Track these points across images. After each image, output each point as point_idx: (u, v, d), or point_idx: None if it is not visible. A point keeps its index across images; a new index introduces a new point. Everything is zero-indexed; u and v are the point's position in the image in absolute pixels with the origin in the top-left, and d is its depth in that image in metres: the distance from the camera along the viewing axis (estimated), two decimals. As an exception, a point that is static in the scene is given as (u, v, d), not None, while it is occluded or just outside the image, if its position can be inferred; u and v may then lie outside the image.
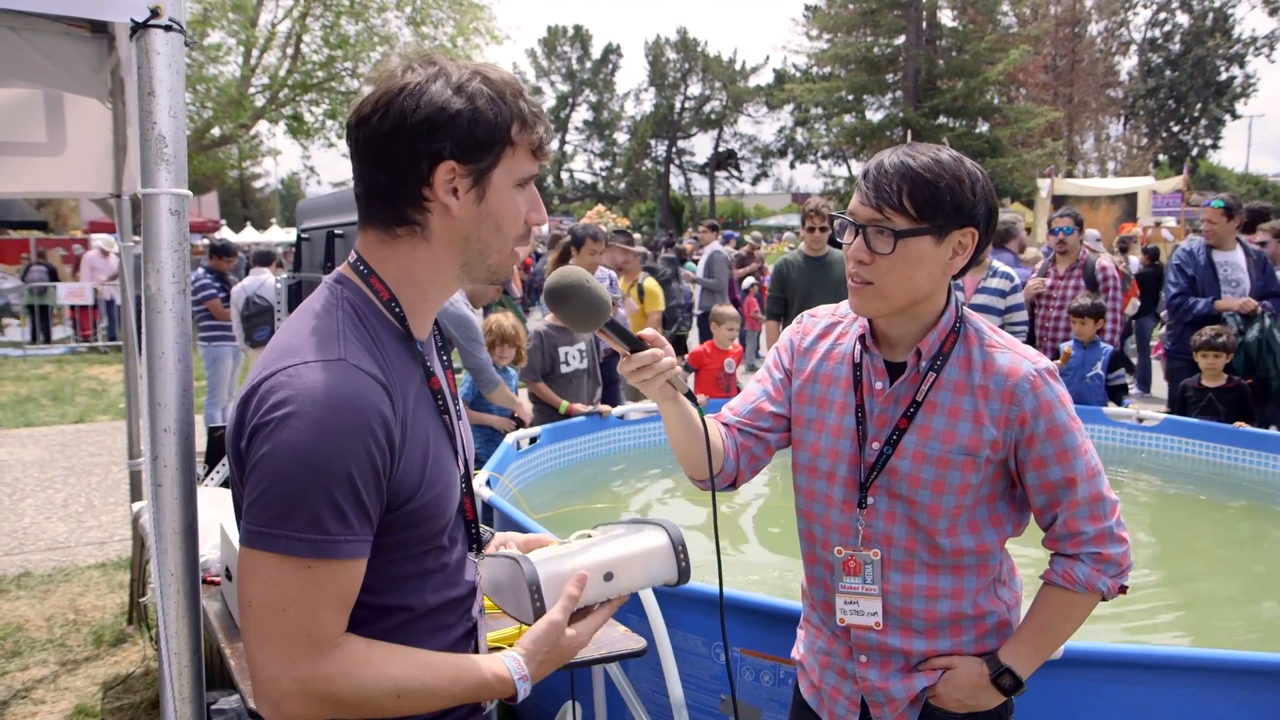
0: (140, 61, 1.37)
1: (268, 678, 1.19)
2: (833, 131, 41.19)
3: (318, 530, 1.15)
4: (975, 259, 1.74)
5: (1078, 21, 44.74)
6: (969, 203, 1.67)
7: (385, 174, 1.27)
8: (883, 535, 1.79)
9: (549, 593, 1.36)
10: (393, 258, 1.32)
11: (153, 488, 1.42)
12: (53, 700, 4.08)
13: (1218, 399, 5.89)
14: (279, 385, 1.18)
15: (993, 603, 1.81)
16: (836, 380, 1.87)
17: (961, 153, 1.75)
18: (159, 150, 1.39)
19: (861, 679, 1.85)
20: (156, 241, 1.40)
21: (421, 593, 1.32)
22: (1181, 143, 49.67)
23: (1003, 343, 1.77)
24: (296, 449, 1.14)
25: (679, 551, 1.44)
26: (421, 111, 1.23)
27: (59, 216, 29.40)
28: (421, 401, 1.30)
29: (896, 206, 1.65)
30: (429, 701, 1.27)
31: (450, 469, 1.34)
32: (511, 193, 1.32)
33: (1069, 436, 1.71)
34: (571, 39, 62.93)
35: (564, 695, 2.86)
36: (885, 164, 1.68)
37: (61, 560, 5.85)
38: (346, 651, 1.22)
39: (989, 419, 1.71)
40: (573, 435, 5.61)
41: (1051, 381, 1.72)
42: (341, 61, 21.40)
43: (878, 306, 1.74)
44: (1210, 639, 3.76)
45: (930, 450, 1.74)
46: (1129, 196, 20.39)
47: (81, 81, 3.79)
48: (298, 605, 1.17)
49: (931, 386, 1.75)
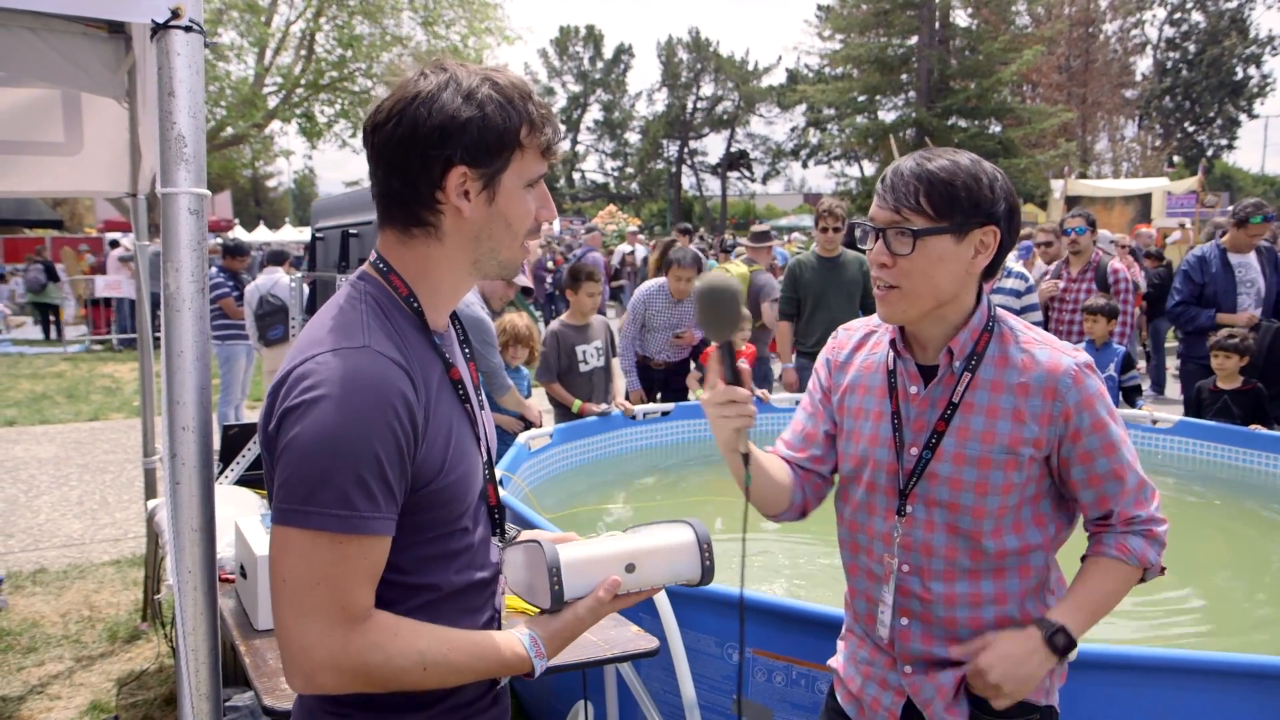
0: (160, 62, 1.38)
1: (300, 650, 1.23)
2: (845, 132, 41.04)
3: (346, 507, 1.20)
4: (999, 258, 1.73)
5: (1092, 22, 44.50)
6: (987, 200, 1.67)
7: (400, 179, 1.32)
8: (922, 544, 1.78)
9: (568, 577, 1.37)
10: (409, 256, 1.38)
11: (171, 485, 1.43)
12: (68, 696, 4.11)
13: (1233, 401, 5.84)
14: (307, 372, 1.24)
15: (1041, 610, 1.79)
16: (872, 389, 1.87)
17: (974, 153, 1.75)
18: (178, 150, 1.40)
19: (910, 685, 1.83)
20: (175, 240, 1.41)
21: (447, 573, 1.37)
22: (1197, 143, 49.40)
23: (1039, 339, 1.77)
24: (324, 430, 1.20)
25: (704, 549, 1.42)
26: (434, 120, 1.29)
27: (74, 215, 29.60)
28: (443, 390, 1.36)
29: (914, 207, 1.66)
30: (452, 676, 1.32)
31: (473, 454, 1.39)
32: (521, 193, 1.37)
33: (1111, 428, 1.73)
34: (584, 39, 62.97)
35: (576, 694, 2.86)
36: (902, 168, 1.70)
37: (76, 557, 5.89)
38: (376, 625, 1.26)
39: (1030, 416, 1.70)
40: (585, 435, 5.62)
41: (1091, 375, 1.72)
42: (353, 61, 21.47)
43: (904, 310, 1.74)
44: (1226, 642, 3.74)
45: (971, 451, 1.72)
46: (1143, 197, 20.28)
47: (98, 81, 3.81)
48: (330, 580, 1.22)
49: (967, 387, 1.74)
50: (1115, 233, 16.69)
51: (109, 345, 16.60)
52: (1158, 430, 5.94)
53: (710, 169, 62.45)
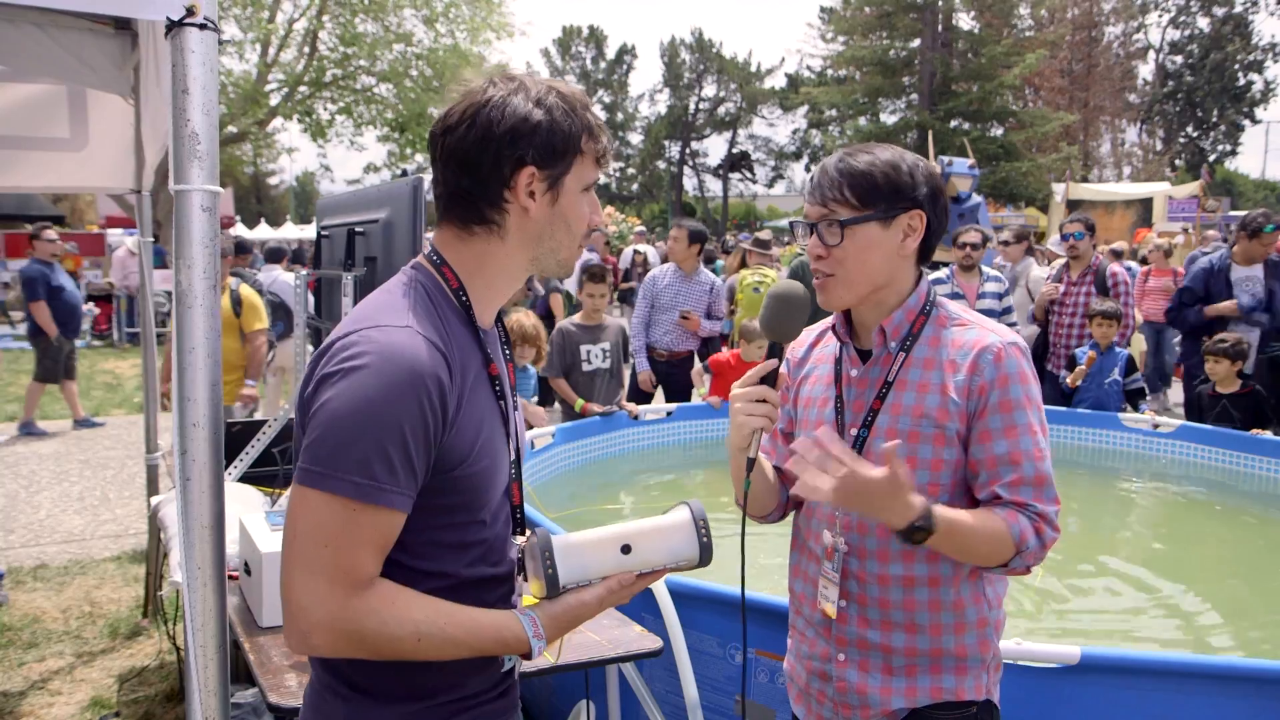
0: (175, 59, 1.38)
1: (300, 608, 1.26)
2: (847, 134, 41.05)
3: (365, 475, 1.24)
4: (930, 241, 1.81)
5: (1094, 26, 44.51)
6: (908, 185, 1.77)
7: (470, 178, 1.39)
8: (858, 523, 1.81)
9: (561, 560, 1.39)
10: (466, 251, 1.43)
11: (181, 481, 1.43)
12: (69, 692, 4.11)
13: (1232, 405, 5.84)
14: (350, 343, 1.29)
15: (975, 598, 1.79)
16: (821, 378, 1.95)
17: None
18: (192, 147, 1.40)
19: (839, 679, 1.85)
20: (188, 237, 1.41)
21: (459, 563, 1.39)
22: (1199, 148, 49.38)
23: (973, 320, 1.82)
24: (355, 397, 1.24)
25: (700, 526, 1.42)
26: (506, 122, 1.36)
27: (75, 211, 29.56)
28: (480, 383, 1.40)
29: (839, 199, 1.77)
30: (448, 649, 1.33)
31: (501, 450, 1.43)
32: (579, 196, 1.45)
33: (1022, 413, 1.71)
34: (586, 39, 62.95)
35: (578, 694, 2.86)
36: (827, 166, 1.82)
37: (77, 553, 5.89)
38: (377, 592, 1.29)
39: (954, 388, 1.73)
40: (587, 435, 5.62)
41: (1016, 356, 1.73)
42: (356, 59, 21.47)
43: (842, 295, 1.82)
44: (1228, 647, 3.75)
45: (901, 426, 1.77)
46: (1144, 201, 20.27)
47: (104, 78, 3.82)
48: (338, 543, 1.25)
49: (902, 365, 1.80)
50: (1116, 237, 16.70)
51: (109, 341, 16.59)
52: (1159, 435, 5.94)
53: (712, 170, 62.45)
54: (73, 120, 4.23)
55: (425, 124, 22.17)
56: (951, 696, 1.79)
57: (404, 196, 2.68)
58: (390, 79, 22.17)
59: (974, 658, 1.80)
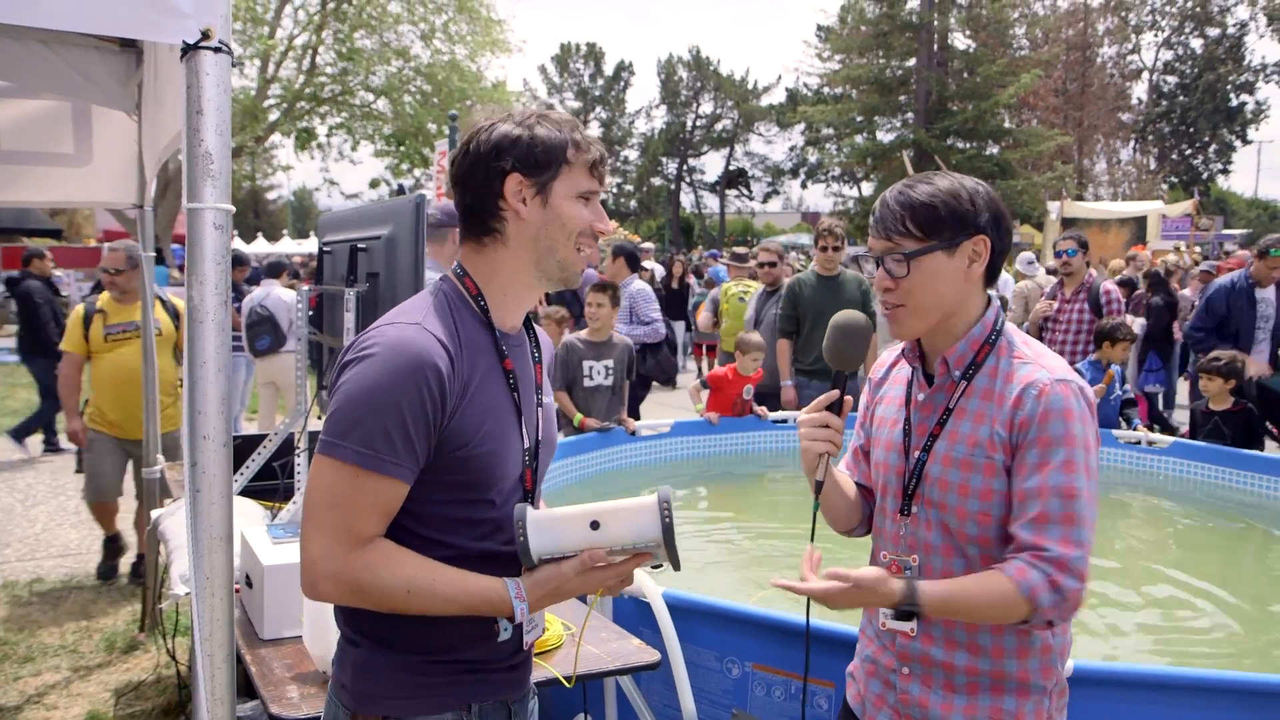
0: (190, 81, 1.42)
1: (311, 559, 1.46)
2: (844, 152, 41.18)
3: (369, 447, 1.43)
4: (996, 263, 1.84)
5: (1089, 46, 44.79)
6: (969, 213, 1.80)
7: (471, 194, 1.60)
8: (923, 543, 1.86)
9: (533, 530, 1.50)
10: (481, 261, 1.63)
11: (191, 493, 1.46)
12: (65, 706, 4.11)
13: (1224, 422, 5.88)
14: (369, 337, 1.50)
15: (1040, 627, 1.78)
16: (895, 399, 2.00)
17: (972, 174, 1.86)
18: (205, 167, 1.43)
19: (902, 691, 1.89)
20: (200, 254, 1.45)
21: (467, 537, 1.56)
22: (1192, 167, 49.65)
23: (1030, 354, 1.82)
24: (364, 383, 1.45)
25: (664, 507, 1.50)
26: (492, 140, 1.57)
27: (73, 225, 29.55)
28: (492, 377, 1.58)
29: (903, 232, 1.81)
30: (436, 604, 1.49)
31: (510, 438, 1.60)
32: (573, 201, 1.61)
33: (1057, 450, 1.68)
34: (584, 56, 63.23)
35: (576, 707, 2.88)
36: (888, 199, 1.85)
37: (74, 567, 5.89)
38: (375, 549, 1.47)
39: (1000, 422, 1.77)
40: (585, 450, 5.64)
41: (1062, 393, 1.71)
42: (354, 75, 21.56)
43: (913, 325, 1.86)
44: (1220, 660, 3.77)
45: (956, 454, 1.81)
46: (1138, 220, 20.42)
47: (109, 94, 3.86)
48: (343, 505, 1.44)
49: (962, 394, 1.84)
50: (1111, 255, 16.78)
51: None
52: (1152, 451, 5.98)
53: (709, 187, 62.65)
54: (77, 136, 4.26)
55: (424, 138, 22.27)
56: (1011, 719, 1.80)
57: (406, 213, 2.71)
58: (387, 93, 22.27)
59: (1036, 684, 1.81)
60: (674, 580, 4.16)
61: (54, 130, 4.25)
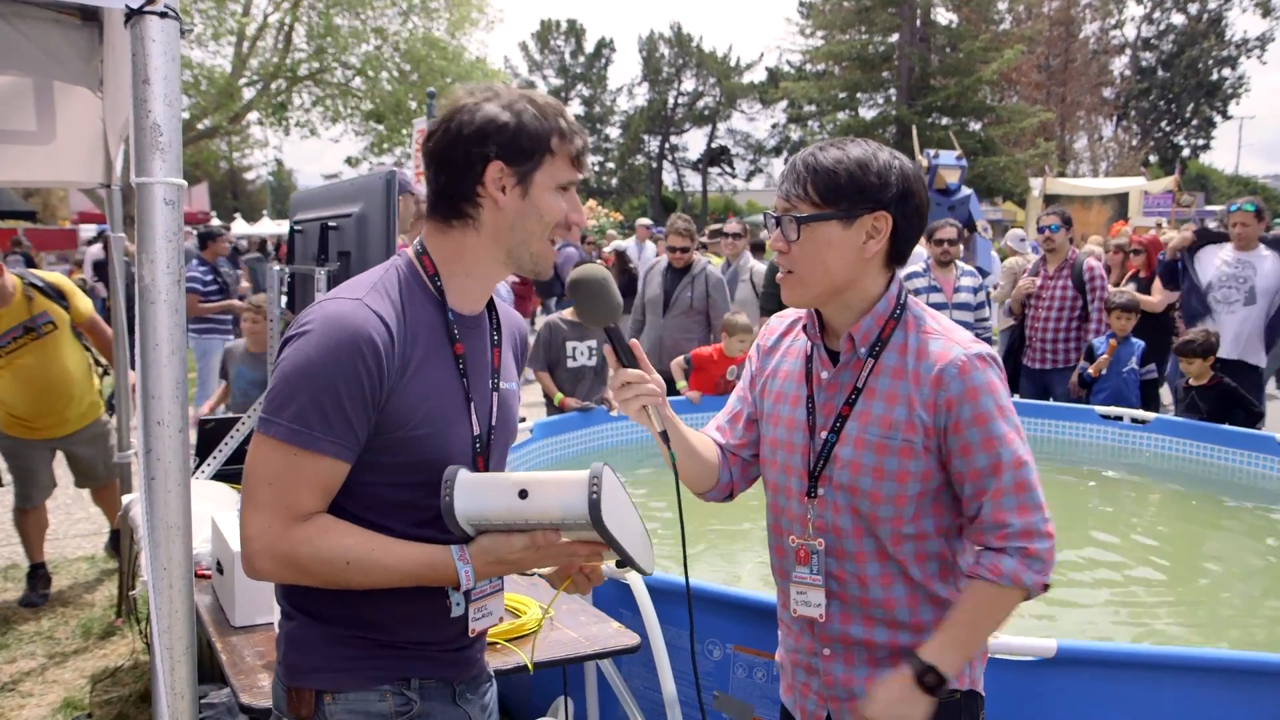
0: (135, 48, 1.35)
1: (248, 536, 1.43)
2: (826, 128, 41.11)
3: (302, 424, 1.40)
4: (898, 244, 1.77)
5: (1071, 21, 44.77)
6: (874, 187, 1.72)
7: (447, 175, 1.53)
8: (832, 525, 1.81)
9: (460, 491, 1.44)
10: (445, 243, 1.57)
11: (146, 481, 1.40)
12: (40, 693, 4.06)
13: (1199, 397, 5.87)
14: (310, 314, 1.46)
15: (952, 593, 1.80)
16: (792, 375, 1.92)
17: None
18: (154, 139, 1.37)
19: (825, 673, 1.86)
20: (151, 232, 1.38)
21: (405, 521, 1.51)
22: (1173, 143, 49.84)
23: (939, 329, 1.78)
24: (300, 359, 1.41)
25: (592, 483, 1.43)
26: (476, 124, 1.50)
27: (47, 207, 29.21)
28: (440, 359, 1.54)
29: (801, 195, 1.74)
30: (377, 573, 1.45)
31: (457, 422, 1.55)
32: (553, 193, 1.56)
33: (995, 424, 1.69)
34: (565, 33, 62.77)
35: (556, 690, 2.85)
36: (796, 160, 1.78)
37: (50, 552, 5.79)
38: (313, 523, 1.44)
39: (919, 403, 1.72)
40: (565, 430, 5.61)
41: (981, 367, 1.71)
42: (330, 53, 21.30)
43: (799, 294, 1.80)
44: (1203, 639, 3.78)
45: (869, 436, 1.76)
46: (1120, 196, 20.45)
47: (71, 70, 3.76)
48: (279, 481, 1.42)
49: (871, 373, 1.78)
50: (1093, 231, 16.81)
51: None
52: (1135, 428, 5.99)
53: (691, 165, 62.47)
54: (39, 113, 4.15)
55: (403, 115, 22.05)
56: None
57: (378, 190, 2.65)
58: (365, 72, 22.02)
59: None
60: (654, 562, 4.12)
61: (15, 107, 4.14)
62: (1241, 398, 5.83)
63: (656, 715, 2.66)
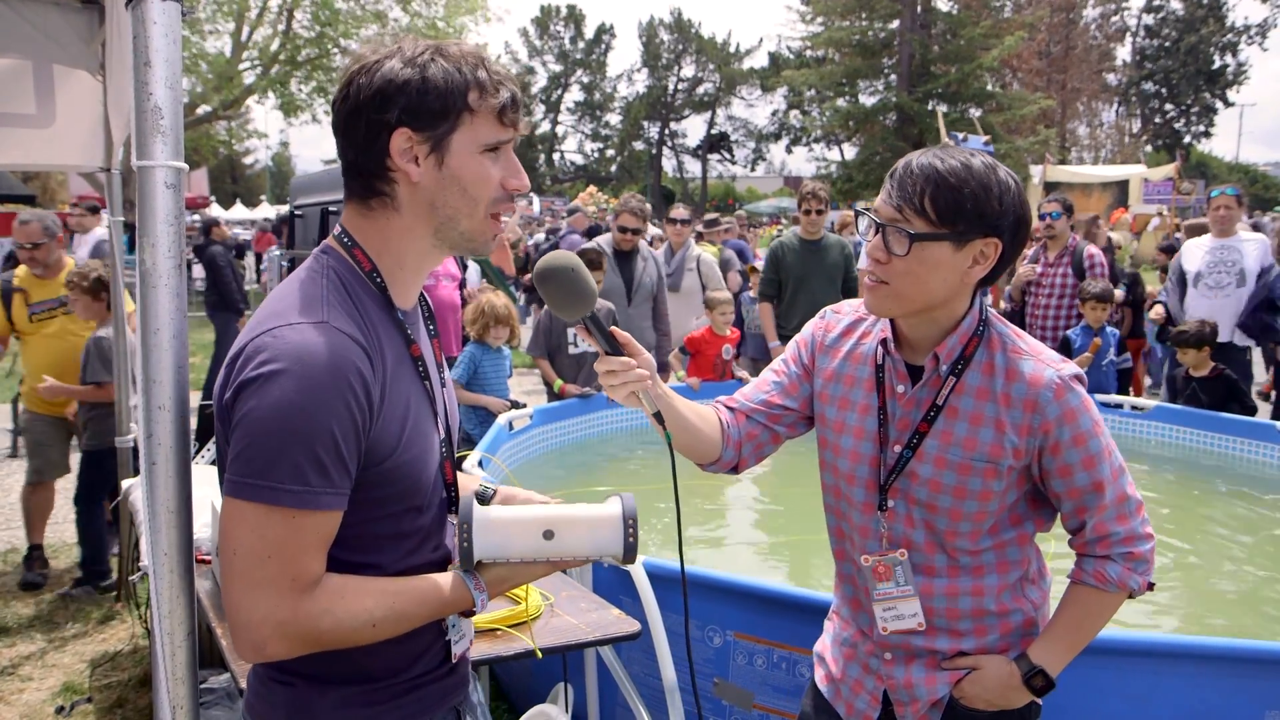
0: (136, 31, 1.34)
1: (250, 622, 1.24)
2: (826, 115, 41.01)
3: (300, 482, 1.21)
4: (999, 269, 1.69)
5: (1072, 8, 44.60)
6: (994, 212, 1.62)
7: (353, 148, 1.34)
8: (903, 538, 1.79)
9: (480, 535, 1.36)
10: (371, 228, 1.38)
11: (146, 465, 1.39)
12: (40, 677, 4.07)
13: (1200, 389, 5.90)
14: (264, 345, 1.23)
15: (1018, 601, 1.80)
16: (859, 381, 1.85)
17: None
18: (155, 122, 1.35)
19: (888, 676, 1.85)
20: (152, 215, 1.37)
21: (395, 553, 1.39)
22: (1174, 130, 49.76)
23: (1027, 349, 1.73)
24: (280, 405, 1.20)
25: (629, 525, 1.38)
26: (374, 85, 1.30)
27: (47, 190, 29.09)
28: (403, 367, 1.36)
29: (917, 209, 1.62)
30: (402, 625, 1.33)
31: (429, 433, 1.40)
32: (477, 158, 1.35)
33: (1093, 442, 1.69)
34: (565, 19, 62.53)
35: (556, 677, 2.85)
36: (913, 164, 1.65)
37: (49, 537, 5.80)
38: (324, 589, 1.28)
39: (1010, 426, 1.69)
40: (565, 416, 5.60)
41: (1075, 388, 1.68)
42: (331, 38, 21.20)
43: (890, 307, 1.72)
44: (1205, 627, 3.78)
45: (951, 456, 1.72)
46: (1120, 184, 20.46)
47: (71, 53, 3.75)
48: (281, 553, 1.23)
49: (952, 391, 1.73)
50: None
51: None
52: (1136, 415, 5.99)
53: (691, 151, 62.35)
54: (39, 96, 4.13)
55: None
56: None
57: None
58: None
59: (1017, 651, 1.80)
60: (654, 548, 4.13)
61: (14, 90, 4.11)
62: (1241, 393, 5.86)
63: (656, 702, 2.67)
